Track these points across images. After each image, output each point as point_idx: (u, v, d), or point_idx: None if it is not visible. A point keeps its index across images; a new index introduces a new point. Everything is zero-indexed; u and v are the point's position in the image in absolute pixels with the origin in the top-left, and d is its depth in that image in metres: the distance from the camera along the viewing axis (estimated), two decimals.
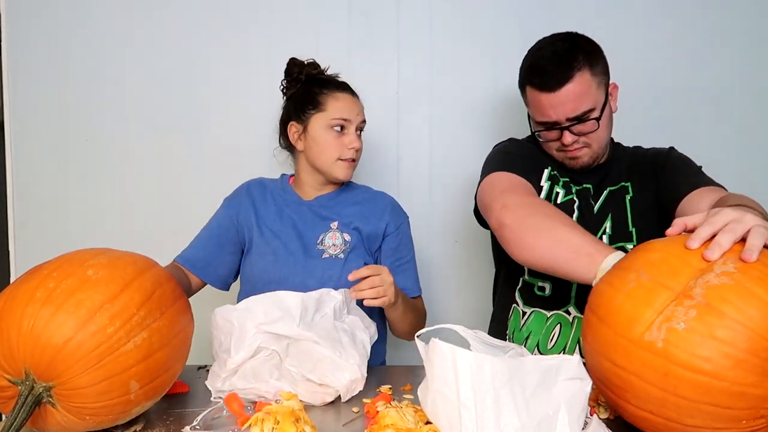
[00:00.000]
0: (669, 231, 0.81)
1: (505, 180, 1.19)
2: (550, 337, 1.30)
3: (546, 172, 1.30)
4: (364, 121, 1.38)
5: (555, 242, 0.96)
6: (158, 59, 1.80)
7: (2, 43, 1.82)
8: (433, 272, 1.80)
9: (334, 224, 1.36)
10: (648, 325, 0.70)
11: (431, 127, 1.79)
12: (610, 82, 1.26)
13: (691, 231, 0.77)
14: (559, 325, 1.30)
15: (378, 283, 1.13)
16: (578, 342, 1.27)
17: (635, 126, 1.68)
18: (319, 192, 1.41)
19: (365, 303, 1.13)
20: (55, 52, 1.81)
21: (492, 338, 0.87)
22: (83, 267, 0.83)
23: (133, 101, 1.81)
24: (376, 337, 1.11)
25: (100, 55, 1.81)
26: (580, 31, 1.25)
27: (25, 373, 0.76)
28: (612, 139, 1.37)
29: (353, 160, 1.36)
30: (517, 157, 1.28)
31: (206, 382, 1.01)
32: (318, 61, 1.40)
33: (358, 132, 1.37)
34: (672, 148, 1.31)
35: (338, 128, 1.33)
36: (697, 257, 0.73)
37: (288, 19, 1.77)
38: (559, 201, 1.30)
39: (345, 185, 1.43)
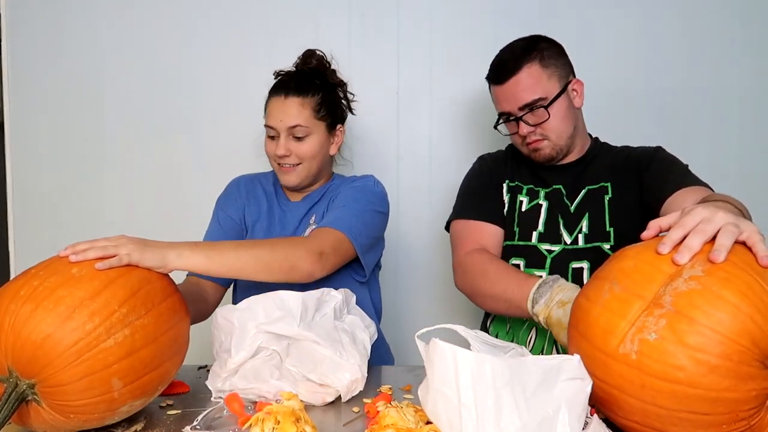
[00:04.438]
0: (644, 234, 0.80)
1: (457, 235, 1.35)
2: (528, 340, 1.31)
3: (505, 186, 1.37)
4: (296, 127, 1.28)
5: (494, 301, 1.21)
6: (158, 59, 1.80)
7: (2, 43, 1.82)
8: (433, 272, 1.80)
9: (312, 218, 1.35)
10: (622, 338, 0.70)
11: (431, 127, 1.79)
12: (575, 78, 1.31)
13: (668, 231, 0.76)
14: (534, 329, 1.31)
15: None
16: (555, 343, 1.28)
17: (634, 126, 1.69)
18: (305, 192, 1.39)
19: None
20: (55, 52, 1.81)
21: (492, 338, 0.87)
22: (70, 265, 0.84)
23: (132, 101, 1.82)
24: (376, 336, 1.11)
25: (100, 55, 1.81)
26: (580, 31, 1.27)
27: (8, 370, 0.76)
28: (597, 139, 1.40)
29: (291, 165, 1.31)
30: (472, 195, 1.38)
31: (206, 382, 1.00)
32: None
33: (299, 137, 1.29)
34: (659, 148, 1.31)
35: (271, 136, 1.32)
36: (668, 262, 0.72)
37: (288, 20, 1.78)
38: (523, 209, 1.34)
39: (333, 180, 1.41)
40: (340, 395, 0.96)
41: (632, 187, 1.27)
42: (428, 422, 0.77)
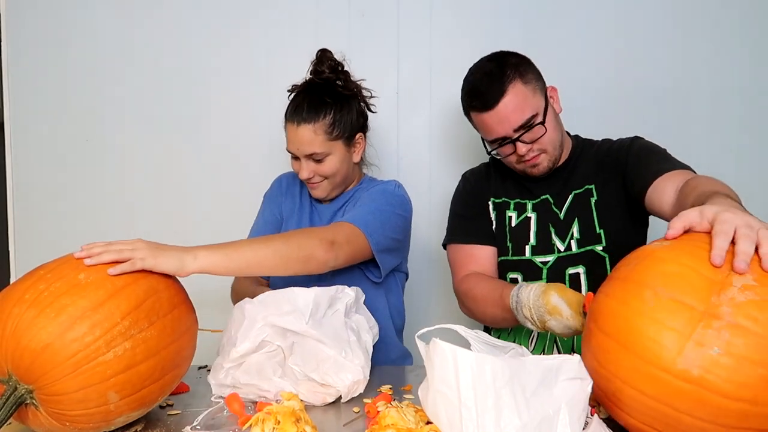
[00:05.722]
0: (669, 234, 0.77)
1: (451, 261, 1.40)
2: (530, 340, 1.32)
3: (491, 204, 1.38)
4: (313, 154, 1.30)
5: (496, 323, 1.28)
6: (158, 59, 1.80)
7: (2, 43, 1.82)
8: (433, 272, 1.80)
9: None
10: (679, 352, 0.65)
11: (431, 127, 1.79)
12: (548, 85, 1.30)
13: (689, 230, 0.75)
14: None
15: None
16: (556, 342, 1.30)
17: (633, 126, 1.68)
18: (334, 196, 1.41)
19: None
20: (55, 52, 1.81)
21: (492, 338, 0.87)
22: (77, 270, 0.82)
23: (133, 101, 1.81)
24: (377, 338, 1.11)
25: (100, 55, 1.81)
26: (580, 31, 1.26)
27: (8, 373, 0.76)
28: (578, 136, 1.40)
29: (317, 182, 1.34)
30: (460, 218, 1.41)
31: (208, 377, 1.00)
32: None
33: (317, 160, 1.31)
34: (635, 139, 1.31)
35: (294, 158, 1.34)
36: (708, 266, 0.68)
37: (288, 19, 1.78)
38: (513, 224, 1.35)
39: (362, 183, 1.42)
40: (340, 395, 0.96)
41: (616, 184, 1.27)
42: (428, 422, 0.77)
